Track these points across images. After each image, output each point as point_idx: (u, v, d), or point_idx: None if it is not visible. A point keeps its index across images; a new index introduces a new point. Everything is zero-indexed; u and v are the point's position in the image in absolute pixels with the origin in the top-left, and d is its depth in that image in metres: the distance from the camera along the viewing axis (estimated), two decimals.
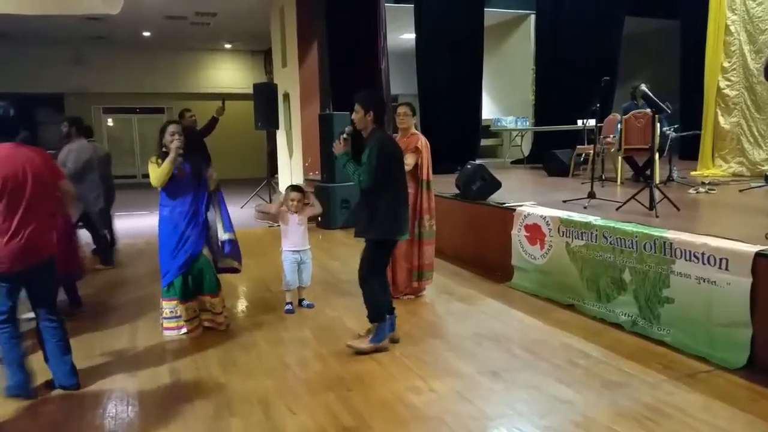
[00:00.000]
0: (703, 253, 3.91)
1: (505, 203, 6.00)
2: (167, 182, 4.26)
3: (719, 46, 8.62)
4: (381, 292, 4.03)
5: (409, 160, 4.98)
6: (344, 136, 4.09)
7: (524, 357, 3.89)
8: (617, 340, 4.18)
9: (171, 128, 4.33)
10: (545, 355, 3.91)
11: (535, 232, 5.41)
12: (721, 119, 8.76)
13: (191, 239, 4.32)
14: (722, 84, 8.69)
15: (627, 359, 3.82)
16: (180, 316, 4.39)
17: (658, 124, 7.59)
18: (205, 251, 4.47)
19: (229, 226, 4.59)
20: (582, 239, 4.89)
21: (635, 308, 4.39)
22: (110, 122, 19.74)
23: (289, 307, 4.97)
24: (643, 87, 5.68)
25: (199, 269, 4.40)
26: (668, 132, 7.48)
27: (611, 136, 8.28)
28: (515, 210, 5.69)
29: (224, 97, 8.95)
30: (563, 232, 5.09)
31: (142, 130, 19.93)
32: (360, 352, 3.92)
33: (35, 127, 16.22)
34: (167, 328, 4.44)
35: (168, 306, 4.41)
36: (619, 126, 8.03)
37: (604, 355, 3.90)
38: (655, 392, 3.34)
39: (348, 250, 7.34)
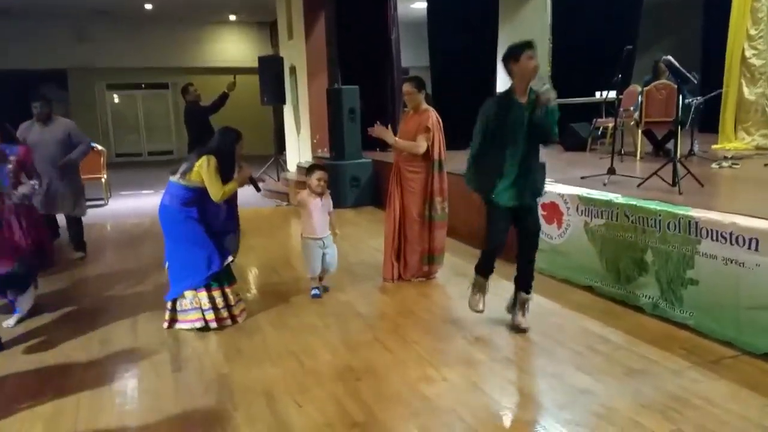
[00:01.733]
0: (731, 233, 3.70)
1: None
2: None
3: (746, 12, 8.23)
4: None
5: (421, 143, 4.77)
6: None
7: (541, 343, 3.73)
8: (638, 324, 4.01)
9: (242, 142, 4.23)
10: (563, 340, 3.74)
11: (552, 211, 5.20)
12: (745, 90, 8.41)
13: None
14: (748, 53, 8.32)
15: (649, 344, 3.64)
16: (205, 308, 4.09)
17: (680, 96, 7.33)
18: None
19: None
20: (602, 218, 4.69)
21: (657, 290, 4.20)
22: (116, 99, 19.57)
23: (315, 291, 4.73)
24: (668, 57, 5.38)
25: None
26: (692, 102, 7.17)
27: (631, 108, 7.98)
28: None
29: (234, 72, 8.73)
30: (582, 210, 4.88)
31: (147, 107, 19.75)
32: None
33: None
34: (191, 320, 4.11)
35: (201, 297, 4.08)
36: (640, 98, 7.73)
37: (624, 341, 3.72)
38: (679, 380, 3.17)
39: (358, 231, 7.17)
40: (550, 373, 3.30)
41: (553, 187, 5.30)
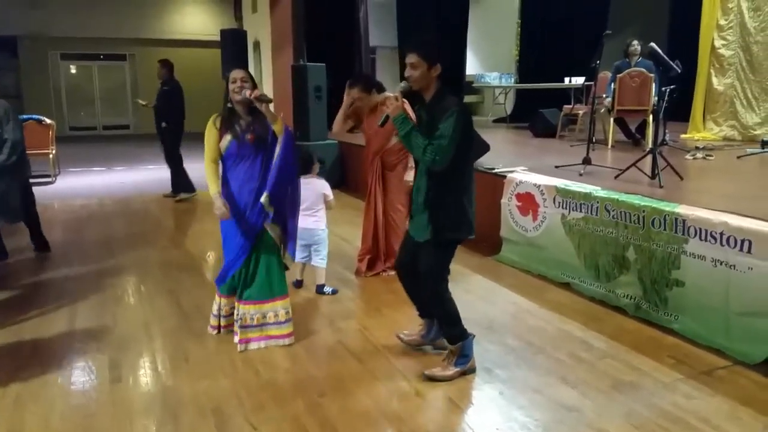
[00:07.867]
0: (722, 233, 3.47)
1: (494, 168, 5.47)
2: (226, 154, 3.32)
3: (716, 2, 8.13)
4: (455, 305, 3.12)
5: None
6: (399, 92, 2.97)
7: (520, 350, 3.43)
8: (621, 328, 3.76)
9: (234, 74, 3.26)
10: (543, 346, 3.46)
11: (527, 202, 4.92)
12: (714, 80, 8.36)
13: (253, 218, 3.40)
14: (717, 43, 8.25)
15: (635, 351, 3.40)
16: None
17: (654, 84, 7.13)
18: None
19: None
20: (580, 211, 4.43)
21: (639, 290, 3.97)
22: (71, 70, 18.56)
23: (293, 281, 4.35)
24: (652, 44, 5.12)
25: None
26: (665, 90, 6.99)
27: (603, 95, 7.76)
28: (506, 177, 5.18)
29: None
30: (559, 202, 4.62)
31: (103, 79, 18.81)
32: (445, 380, 3.05)
33: None
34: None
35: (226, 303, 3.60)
36: (612, 86, 7.51)
37: (609, 347, 3.47)
38: (672, 395, 2.91)
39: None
40: (531, 386, 3.01)
41: (528, 177, 5.03)
